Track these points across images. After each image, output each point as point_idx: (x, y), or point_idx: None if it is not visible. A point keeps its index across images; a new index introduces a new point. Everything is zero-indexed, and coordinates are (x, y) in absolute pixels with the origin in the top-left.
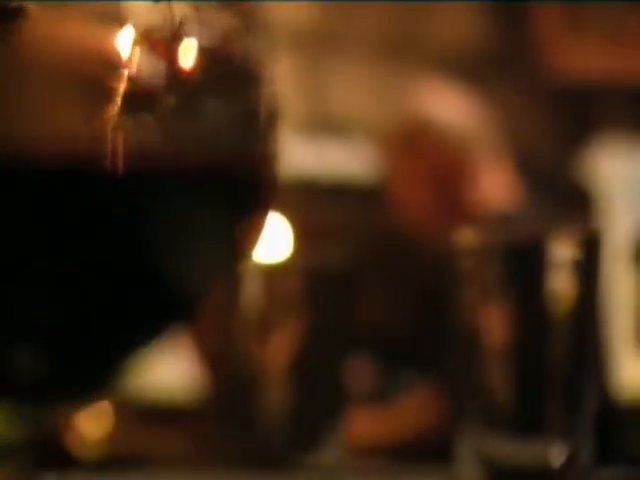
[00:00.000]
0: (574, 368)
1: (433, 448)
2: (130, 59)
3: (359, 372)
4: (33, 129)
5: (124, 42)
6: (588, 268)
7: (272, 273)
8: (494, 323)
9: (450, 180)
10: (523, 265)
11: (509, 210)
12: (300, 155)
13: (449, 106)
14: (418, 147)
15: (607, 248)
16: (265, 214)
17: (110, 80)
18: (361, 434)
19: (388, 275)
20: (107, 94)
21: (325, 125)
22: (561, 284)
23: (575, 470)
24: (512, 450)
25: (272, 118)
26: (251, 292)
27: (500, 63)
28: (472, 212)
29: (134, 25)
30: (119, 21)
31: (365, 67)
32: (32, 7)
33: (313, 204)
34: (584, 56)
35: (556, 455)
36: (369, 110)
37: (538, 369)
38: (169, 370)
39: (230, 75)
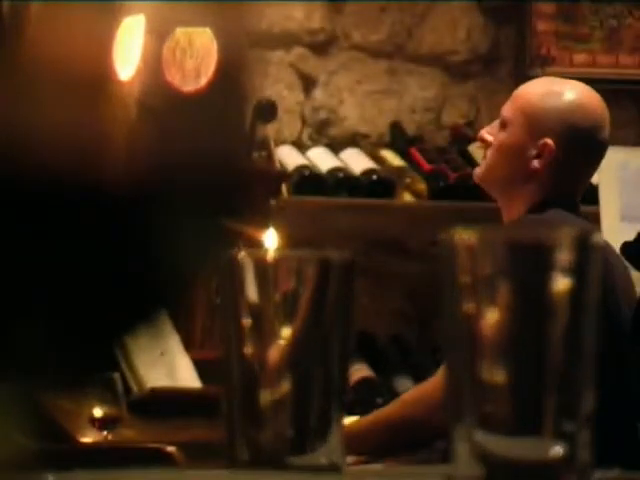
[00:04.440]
0: (572, 367)
1: (431, 447)
2: (132, 63)
3: (358, 372)
4: (36, 132)
5: (127, 46)
6: (587, 268)
7: (270, 271)
8: (492, 322)
9: None
10: (522, 264)
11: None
12: (298, 157)
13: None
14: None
15: (605, 247)
16: (256, 213)
17: (112, 83)
18: (368, 440)
19: (386, 276)
20: (109, 97)
21: (324, 128)
22: (560, 283)
23: (574, 469)
24: (510, 449)
25: (263, 122)
26: (248, 291)
27: (495, 62)
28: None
29: (137, 28)
30: (121, 24)
31: (362, 70)
32: (36, 8)
33: (313, 205)
34: (579, 54)
35: (554, 454)
36: (366, 113)
37: (536, 368)
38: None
39: (226, 80)
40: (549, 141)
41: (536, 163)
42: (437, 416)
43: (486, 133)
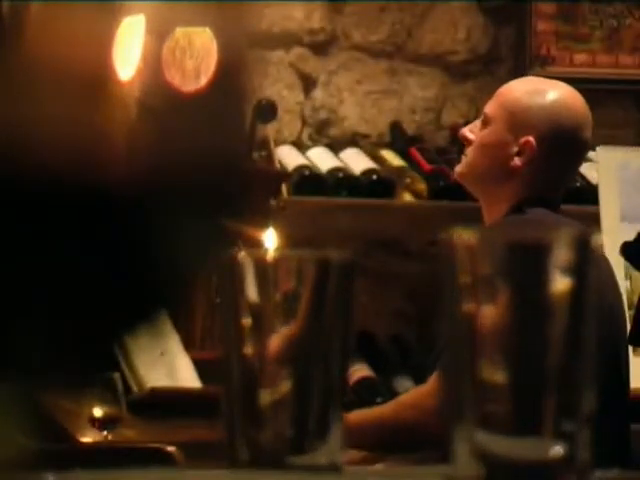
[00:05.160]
0: (572, 367)
1: (431, 447)
2: (132, 63)
3: (358, 372)
4: (36, 132)
5: (127, 46)
6: (586, 268)
7: (270, 271)
8: (492, 322)
9: None
10: (521, 264)
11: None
12: (298, 157)
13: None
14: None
15: (603, 248)
16: (256, 213)
17: (112, 83)
18: (360, 434)
19: (386, 276)
20: (109, 97)
21: (324, 128)
22: (558, 284)
23: (574, 469)
24: (510, 449)
25: (263, 122)
26: (248, 291)
27: (495, 62)
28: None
29: (137, 28)
30: (121, 24)
31: (362, 70)
32: (36, 7)
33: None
34: (579, 54)
35: (554, 454)
36: (366, 113)
37: (536, 368)
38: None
39: (226, 80)
40: (531, 139)
41: (517, 161)
42: (433, 421)
43: (468, 131)
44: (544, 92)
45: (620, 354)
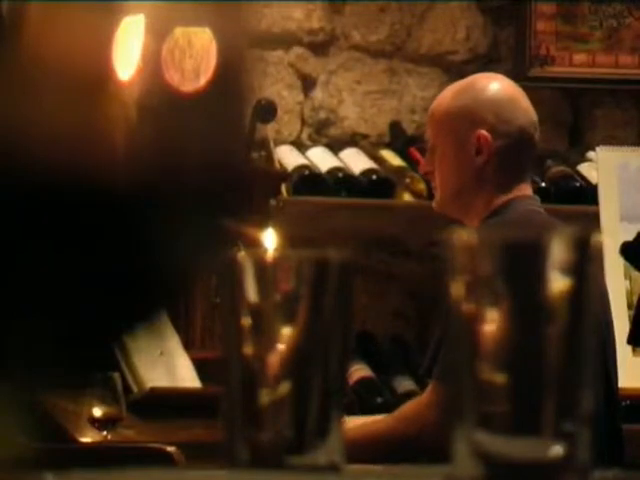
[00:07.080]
0: (571, 367)
1: (430, 448)
2: (132, 63)
3: (358, 372)
4: (36, 132)
5: (127, 46)
6: (586, 268)
7: (270, 271)
8: (492, 322)
9: None
10: (520, 265)
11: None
12: (298, 157)
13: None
14: None
15: (602, 248)
16: (256, 213)
17: (112, 83)
18: (359, 435)
19: (386, 276)
20: (109, 97)
21: (324, 128)
22: (558, 284)
23: (574, 469)
24: (510, 449)
25: (263, 122)
26: (248, 291)
27: (494, 61)
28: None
29: (137, 28)
30: (121, 24)
31: (361, 70)
32: (36, 7)
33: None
34: (579, 54)
35: (554, 454)
36: (366, 113)
37: (536, 368)
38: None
39: (226, 80)
40: (482, 132)
41: (479, 160)
42: (429, 434)
43: (425, 166)
44: (469, 87)
45: (607, 358)
